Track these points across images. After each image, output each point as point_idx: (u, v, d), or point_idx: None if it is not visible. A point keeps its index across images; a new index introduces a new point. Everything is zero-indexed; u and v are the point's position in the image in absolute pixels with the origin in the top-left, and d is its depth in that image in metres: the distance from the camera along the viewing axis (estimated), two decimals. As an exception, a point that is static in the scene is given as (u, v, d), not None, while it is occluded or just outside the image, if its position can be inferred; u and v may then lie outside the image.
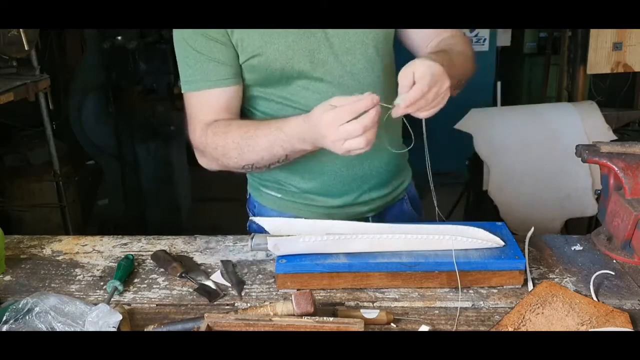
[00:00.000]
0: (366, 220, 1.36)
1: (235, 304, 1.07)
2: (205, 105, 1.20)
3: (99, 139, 3.35)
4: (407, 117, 1.39)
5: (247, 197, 1.46)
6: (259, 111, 1.28)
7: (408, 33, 1.35)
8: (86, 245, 1.29)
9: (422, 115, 1.05)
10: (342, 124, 0.98)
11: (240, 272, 1.16)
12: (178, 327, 0.97)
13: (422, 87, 1.00)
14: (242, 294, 1.09)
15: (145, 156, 3.35)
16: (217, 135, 1.17)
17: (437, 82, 1.01)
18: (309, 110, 1.16)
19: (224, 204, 3.69)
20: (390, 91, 1.29)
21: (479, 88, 3.88)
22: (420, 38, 1.33)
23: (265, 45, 1.16)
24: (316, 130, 1.02)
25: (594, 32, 2.88)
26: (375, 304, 1.05)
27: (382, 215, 1.40)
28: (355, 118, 0.98)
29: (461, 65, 1.19)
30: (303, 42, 1.17)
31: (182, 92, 1.23)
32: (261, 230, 1.16)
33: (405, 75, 1.01)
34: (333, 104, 1.00)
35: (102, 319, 0.92)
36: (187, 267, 1.16)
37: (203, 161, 1.25)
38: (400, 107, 1.01)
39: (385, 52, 1.28)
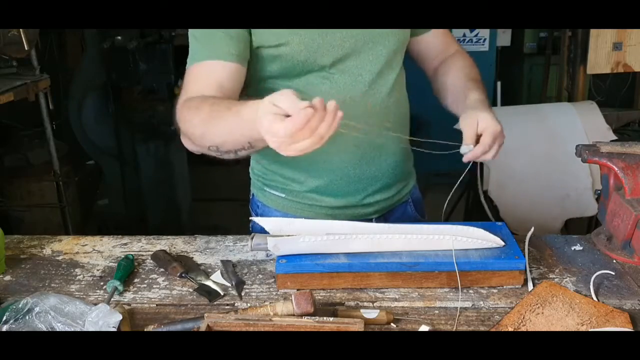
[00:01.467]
0: (370, 222, 1.36)
1: (235, 304, 1.07)
2: (199, 77, 1.13)
3: (99, 139, 3.35)
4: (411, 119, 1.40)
5: (251, 197, 1.46)
6: None
7: (416, 42, 1.37)
8: (86, 245, 1.29)
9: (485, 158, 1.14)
10: (280, 137, 0.88)
11: (240, 272, 1.16)
12: (178, 327, 0.97)
13: (486, 142, 1.11)
14: (242, 294, 1.09)
15: (145, 156, 3.35)
16: (190, 110, 1.08)
17: (497, 140, 1.12)
18: None
19: (224, 204, 3.70)
20: (401, 93, 1.33)
21: (479, 88, 3.87)
22: (428, 50, 1.38)
23: (291, 35, 1.15)
24: (260, 129, 0.91)
25: (594, 32, 2.88)
26: (375, 304, 1.05)
27: (385, 217, 1.40)
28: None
29: (484, 87, 1.30)
30: (328, 37, 1.17)
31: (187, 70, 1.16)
32: (264, 230, 1.17)
33: (470, 125, 1.12)
34: (278, 104, 0.89)
35: (102, 319, 0.92)
36: (187, 267, 1.16)
37: (182, 139, 1.15)
38: (468, 157, 1.13)
39: (400, 57, 1.30)
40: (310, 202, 1.33)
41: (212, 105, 1.07)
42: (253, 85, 1.25)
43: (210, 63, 1.13)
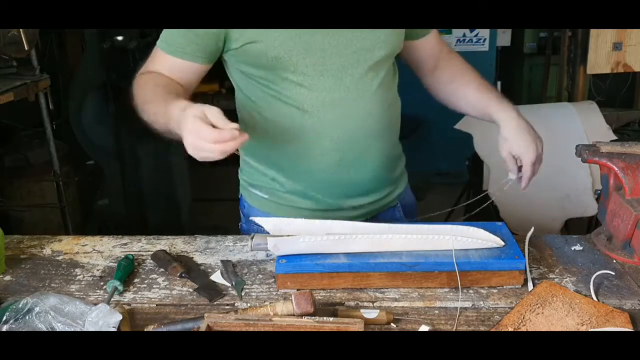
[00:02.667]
0: None
1: (235, 304, 1.07)
2: (159, 63, 1.24)
3: (99, 139, 3.34)
4: (402, 119, 1.40)
5: (239, 197, 1.46)
6: (251, 100, 1.27)
7: (414, 47, 1.36)
8: (86, 245, 1.29)
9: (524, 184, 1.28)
10: (201, 140, 1.00)
11: (240, 272, 1.16)
12: (178, 327, 0.97)
13: (527, 171, 1.26)
14: (242, 294, 1.09)
15: (145, 156, 3.34)
16: (139, 84, 1.22)
17: (537, 164, 1.26)
18: (300, 106, 1.20)
19: (224, 204, 3.69)
20: (387, 98, 1.30)
21: (479, 88, 3.87)
22: (426, 53, 1.39)
23: (265, 33, 1.16)
24: (183, 125, 1.03)
25: (594, 32, 2.88)
26: (375, 304, 1.05)
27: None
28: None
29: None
30: (307, 36, 1.16)
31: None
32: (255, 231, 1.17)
33: (507, 158, 1.28)
34: (207, 114, 1.01)
35: (102, 319, 0.92)
36: (187, 267, 1.16)
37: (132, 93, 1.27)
38: (522, 185, 1.30)
39: (388, 63, 1.28)
40: (291, 204, 1.32)
41: (155, 87, 1.19)
42: (239, 83, 1.29)
43: (166, 56, 1.22)
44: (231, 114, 1.37)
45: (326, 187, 1.29)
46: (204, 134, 0.99)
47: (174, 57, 1.22)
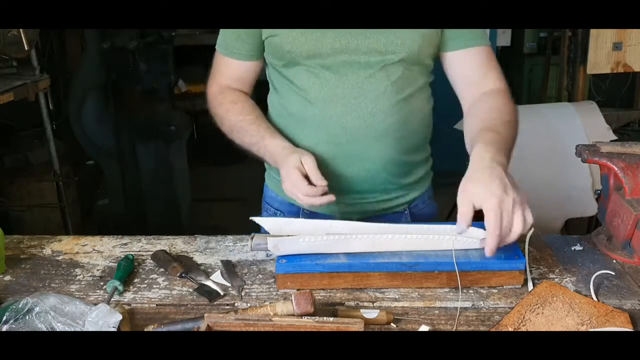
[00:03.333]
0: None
1: (235, 304, 1.07)
2: (224, 69, 1.37)
3: (99, 139, 3.35)
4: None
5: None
6: (274, 87, 1.36)
7: (449, 61, 1.30)
8: (86, 245, 1.29)
9: (512, 238, 0.99)
10: (296, 189, 1.15)
11: (240, 272, 1.16)
12: (178, 327, 0.97)
13: (492, 226, 0.96)
14: (242, 294, 1.09)
15: (145, 156, 3.35)
16: (220, 107, 1.34)
17: (502, 204, 0.96)
18: (306, 97, 1.26)
19: (224, 204, 3.70)
20: (393, 102, 1.26)
21: (479, 88, 3.87)
22: (462, 73, 1.29)
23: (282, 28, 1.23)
24: (282, 167, 1.19)
25: (594, 32, 2.88)
26: (375, 304, 1.05)
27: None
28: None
29: (510, 138, 1.17)
30: (317, 34, 1.21)
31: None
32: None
33: (461, 201, 0.98)
34: (305, 163, 1.16)
35: (102, 319, 0.92)
36: (187, 267, 1.16)
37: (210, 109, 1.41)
38: (487, 251, 0.97)
39: (405, 68, 1.25)
40: None
41: (239, 114, 1.31)
42: (270, 72, 1.37)
43: (226, 59, 1.35)
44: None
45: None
46: (299, 187, 1.14)
47: (235, 60, 1.33)
